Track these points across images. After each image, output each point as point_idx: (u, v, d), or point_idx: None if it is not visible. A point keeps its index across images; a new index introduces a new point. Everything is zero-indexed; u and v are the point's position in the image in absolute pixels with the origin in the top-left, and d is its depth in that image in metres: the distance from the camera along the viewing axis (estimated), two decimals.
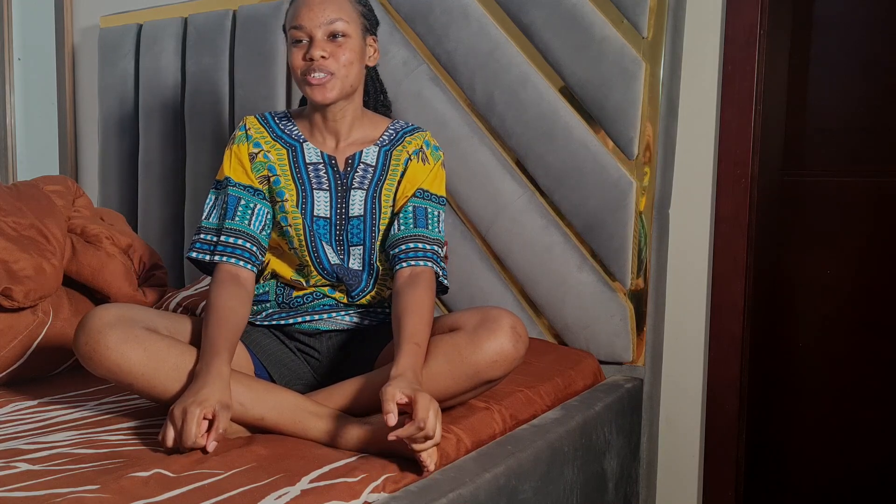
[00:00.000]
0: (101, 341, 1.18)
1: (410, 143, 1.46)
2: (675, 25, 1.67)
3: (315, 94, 1.36)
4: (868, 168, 1.71)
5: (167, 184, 2.40)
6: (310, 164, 1.43)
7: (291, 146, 1.44)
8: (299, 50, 1.37)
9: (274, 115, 1.49)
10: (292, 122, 1.48)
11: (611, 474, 1.58)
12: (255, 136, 1.44)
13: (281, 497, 0.98)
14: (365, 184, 1.43)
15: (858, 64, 1.71)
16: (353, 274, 1.43)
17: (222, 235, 1.38)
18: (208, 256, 1.38)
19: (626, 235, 1.69)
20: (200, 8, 2.32)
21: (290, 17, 1.39)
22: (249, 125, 1.46)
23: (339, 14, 1.36)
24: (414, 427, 1.04)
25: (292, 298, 1.45)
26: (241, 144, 1.44)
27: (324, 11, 1.35)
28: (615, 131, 1.70)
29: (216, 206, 1.43)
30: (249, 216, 1.40)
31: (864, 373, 1.72)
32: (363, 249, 1.43)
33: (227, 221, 1.39)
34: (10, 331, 1.56)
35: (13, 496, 0.97)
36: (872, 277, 1.71)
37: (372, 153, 1.45)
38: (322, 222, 1.41)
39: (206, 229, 1.42)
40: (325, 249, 1.41)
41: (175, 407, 1.12)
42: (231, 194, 1.41)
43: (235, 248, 1.37)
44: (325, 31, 1.35)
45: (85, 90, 2.75)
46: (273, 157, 1.43)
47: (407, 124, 1.50)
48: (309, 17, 1.35)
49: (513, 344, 1.21)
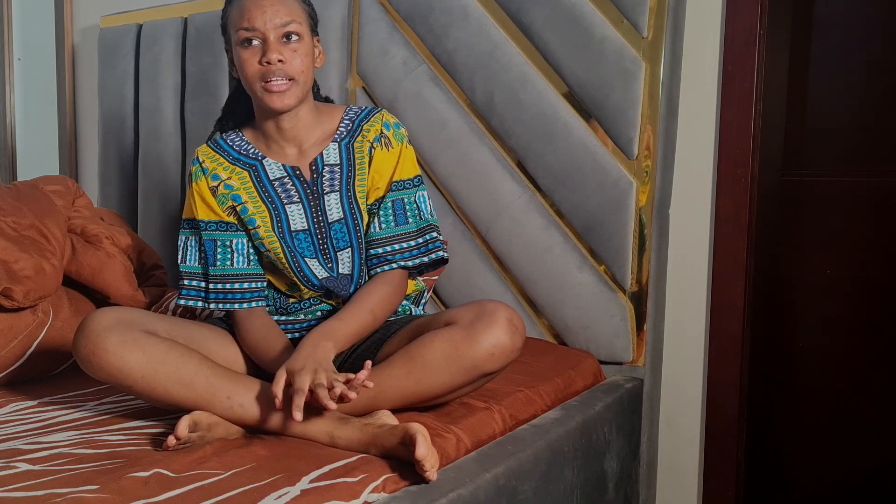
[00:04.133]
0: (100, 345, 1.18)
1: (369, 130, 1.41)
2: (675, 25, 1.67)
3: (274, 101, 1.32)
4: (868, 168, 1.71)
5: (167, 184, 2.40)
6: (275, 181, 1.40)
7: (252, 166, 1.41)
8: (251, 53, 1.31)
9: (225, 137, 1.45)
10: (245, 140, 1.43)
11: (611, 474, 1.58)
12: (210, 168, 1.41)
13: (281, 497, 0.98)
14: (336, 185, 1.40)
15: (858, 64, 1.71)
16: (343, 282, 1.41)
17: (210, 283, 1.39)
18: (201, 303, 1.40)
19: (626, 235, 1.69)
20: (200, 8, 2.32)
21: (237, 17, 1.32)
22: (203, 157, 1.42)
23: (292, 15, 1.32)
24: (298, 395, 1.09)
25: (289, 304, 1.45)
26: (198, 181, 1.41)
27: (277, 12, 1.30)
28: (615, 131, 1.70)
29: (190, 249, 1.42)
30: (230, 256, 1.39)
31: (864, 373, 1.72)
32: (351, 252, 1.41)
33: (210, 269, 1.39)
34: (10, 331, 1.56)
35: (13, 496, 0.97)
36: (872, 277, 1.71)
37: (333, 151, 1.41)
38: (302, 235, 1.40)
39: (188, 274, 1.41)
40: (310, 266, 1.39)
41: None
42: (206, 238, 1.39)
43: (228, 293, 1.38)
44: (278, 33, 1.30)
45: (85, 90, 2.75)
46: (235, 182, 1.40)
47: (360, 110, 1.45)
48: (261, 18, 1.30)
49: (509, 336, 1.21)
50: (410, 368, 1.22)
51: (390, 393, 1.23)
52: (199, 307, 1.41)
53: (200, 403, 1.20)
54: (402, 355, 1.25)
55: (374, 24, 1.98)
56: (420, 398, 1.24)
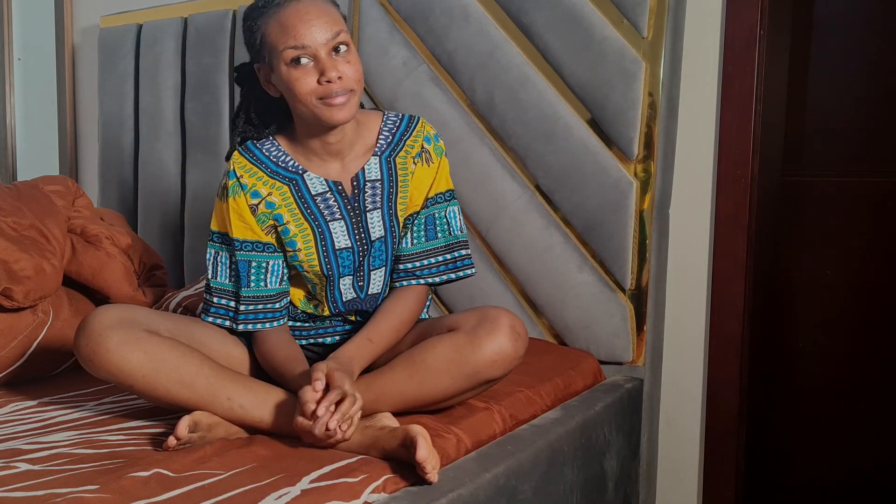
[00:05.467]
0: (101, 343, 1.18)
1: (412, 146, 1.37)
2: (675, 26, 1.67)
3: (336, 115, 1.23)
4: (868, 168, 1.71)
5: (167, 184, 2.40)
6: (316, 196, 1.32)
7: (292, 180, 1.32)
8: (303, 72, 1.22)
9: (259, 146, 1.34)
10: (282, 150, 1.34)
11: (611, 474, 1.59)
12: (249, 184, 1.31)
13: (281, 497, 0.98)
14: (377, 202, 1.34)
15: (858, 64, 1.72)
16: (371, 301, 1.39)
17: (241, 304, 1.33)
18: (229, 322, 1.34)
19: (626, 236, 1.69)
20: (200, 8, 2.32)
21: (280, 33, 1.22)
22: (240, 171, 1.32)
23: (338, 24, 1.24)
24: (334, 394, 1.10)
25: (297, 313, 1.42)
26: (236, 197, 1.31)
27: (325, 25, 1.22)
28: (615, 131, 1.70)
29: (221, 265, 1.35)
30: (264, 277, 1.33)
31: (863, 372, 1.72)
32: (384, 271, 1.38)
33: (242, 290, 1.33)
34: (10, 331, 1.56)
35: (13, 496, 0.97)
36: (872, 277, 1.71)
37: (374, 166, 1.35)
38: (346, 254, 1.34)
39: (218, 291, 1.35)
40: (342, 288, 1.36)
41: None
42: (240, 259, 1.32)
43: (258, 313, 1.34)
44: (328, 48, 1.22)
45: (85, 90, 2.75)
46: (276, 199, 1.31)
47: (398, 119, 1.39)
48: (310, 34, 1.21)
49: (512, 343, 1.21)
50: (412, 372, 1.23)
51: (391, 396, 1.23)
52: (225, 325, 1.35)
53: (201, 404, 1.20)
54: (404, 359, 1.25)
55: (375, 24, 1.98)
56: (421, 402, 1.25)
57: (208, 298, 1.36)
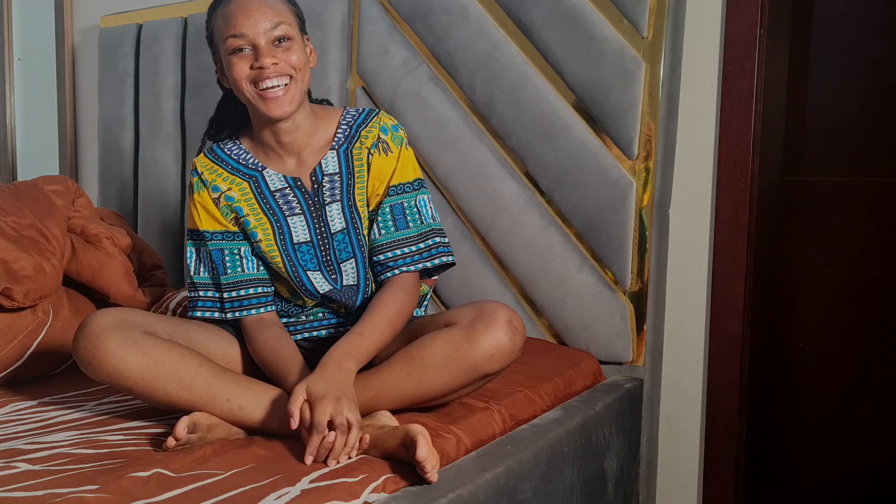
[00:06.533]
0: (100, 346, 1.18)
1: (367, 136, 1.38)
2: (675, 25, 1.67)
3: (272, 110, 1.28)
4: (868, 168, 1.71)
5: (167, 184, 2.40)
6: (276, 192, 1.37)
7: (252, 177, 1.38)
8: (242, 60, 1.27)
9: (222, 146, 1.41)
10: (243, 149, 1.40)
11: (611, 474, 1.59)
12: (210, 179, 1.38)
13: (281, 497, 0.98)
14: (336, 195, 1.37)
15: (858, 64, 1.71)
16: (348, 293, 1.40)
17: (224, 292, 1.37)
18: (217, 314, 1.38)
19: (626, 235, 1.69)
20: (200, 8, 2.32)
21: (223, 25, 1.28)
22: (201, 168, 1.39)
23: (280, 17, 1.27)
24: (315, 436, 1.08)
25: (290, 308, 1.44)
26: (199, 192, 1.38)
27: (264, 16, 1.26)
28: (615, 131, 1.70)
29: (201, 261, 1.40)
30: (240, 262, 1.38)
31: (864, 372, 1.72)
32: (354, 262, 1.39)
33: (221, 277, 1.37)
34: (10, 331, 1.56)
35: (13, 496, 0.97)
36: (872, 277, 1.71)
37: (332, 160, 1.38)
38: (305, 248, 1.38)
39: (201, 285, 1.39)
40: (311, 279, 1.38)
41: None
42: (213, 249, 1.38)
43: (243, 299, 1.37)
44: (268, 38, 1.26)
45: (85, 90, 2.75)
46: (236, 194, 1.37)
47: (357, 113, 1.41)
48: (249, 23, 1.25)
49: (509, 337, 1.21)
50: (410, 369, 1.23)
51: (390, 394, 1.23)
52: (214, 317, 1.38)
53: (200, 405, 1.20)
54: (401, 356, 1.25)
55: (374, 23, 1.98)
56: (420, 399, 1.25)
57: (193, 294, 1.40)
